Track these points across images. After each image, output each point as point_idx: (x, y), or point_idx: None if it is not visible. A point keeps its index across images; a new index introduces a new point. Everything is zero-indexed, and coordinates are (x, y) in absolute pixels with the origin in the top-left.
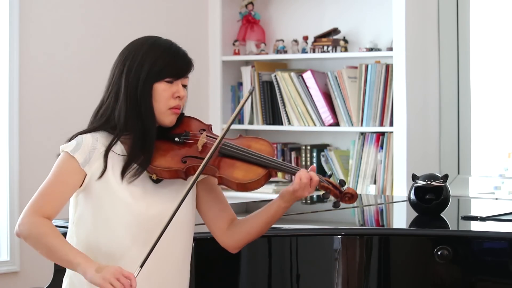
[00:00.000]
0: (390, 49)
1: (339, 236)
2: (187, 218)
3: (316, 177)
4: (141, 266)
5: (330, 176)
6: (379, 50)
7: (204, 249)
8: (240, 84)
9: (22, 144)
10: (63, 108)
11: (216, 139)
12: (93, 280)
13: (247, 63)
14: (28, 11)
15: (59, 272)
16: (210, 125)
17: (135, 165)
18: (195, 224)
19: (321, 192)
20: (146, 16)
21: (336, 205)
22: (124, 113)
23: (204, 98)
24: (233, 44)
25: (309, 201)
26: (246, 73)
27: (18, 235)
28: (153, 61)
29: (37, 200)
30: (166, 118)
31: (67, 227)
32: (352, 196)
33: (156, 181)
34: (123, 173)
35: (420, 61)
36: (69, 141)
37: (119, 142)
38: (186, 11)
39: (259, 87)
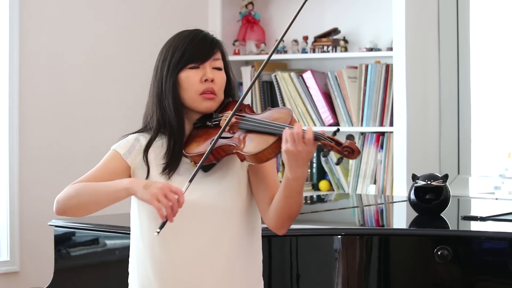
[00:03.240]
0: (390, 49)
1: (339, 236)
2: (234, 206)
3: (302, 132)
4: (190, 181)
5: (335, 133)
6: (379, 50)
7: None
8: (240, 84)
9: (22, 144)
10: (63, 107)
11: (242, 116)
12: (142, 197)
13: (247, 63)
14: (28, 9)
15: (59, 272)
16: (248, 105)
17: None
18: None
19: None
20: (146, 15)
21: (338, 162)
22: (154, 112)
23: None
24: (233, 44)
25: (309, 201)
26: (246, 73)
27: (58, 208)
28: (173, 52)
29: (78, 179)
30: (200, 104)
31: (68, 227)
32: (352, 151)
33: (204, 169)
34: (164, 170)
35: (420, 61)
36: None
37: (163, 138)
38: (186, 11)
39: (259, 87)
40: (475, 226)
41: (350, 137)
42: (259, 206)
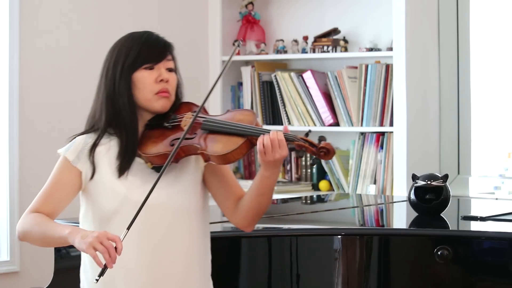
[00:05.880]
0: (390, 49)
1: (339, 236)
2: (186, 206)
3: (281, 137)
4: (128, 228)
5: (307, 134)
6: (379, 50)
7: None
8: (240, 84)
9: (22, 144)
10: (63, 107)
11: (202, 117)
12: (79, 246)
13: (247, 63)
14: (28, 6)
15: (59, 272)
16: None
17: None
18: None
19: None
20: (146, 15)
21: (313, 162)
22: (105, 111)
23: (204, 98)
24: (233, 44)
25: (309, 201)
26: (246, 73)
27: (18, 238)
28: (127, 53)
29: (34, 202)
30: (156, 103)
31: None
32: (328, 151)
33: (157, 170)
34: (119, 169)
35: (420, 61)
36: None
37: (115, 138)
38: (186, 11)
39: (259, 87)
40: (475, 226)
41: (322, 137)
42: (222, 206)
